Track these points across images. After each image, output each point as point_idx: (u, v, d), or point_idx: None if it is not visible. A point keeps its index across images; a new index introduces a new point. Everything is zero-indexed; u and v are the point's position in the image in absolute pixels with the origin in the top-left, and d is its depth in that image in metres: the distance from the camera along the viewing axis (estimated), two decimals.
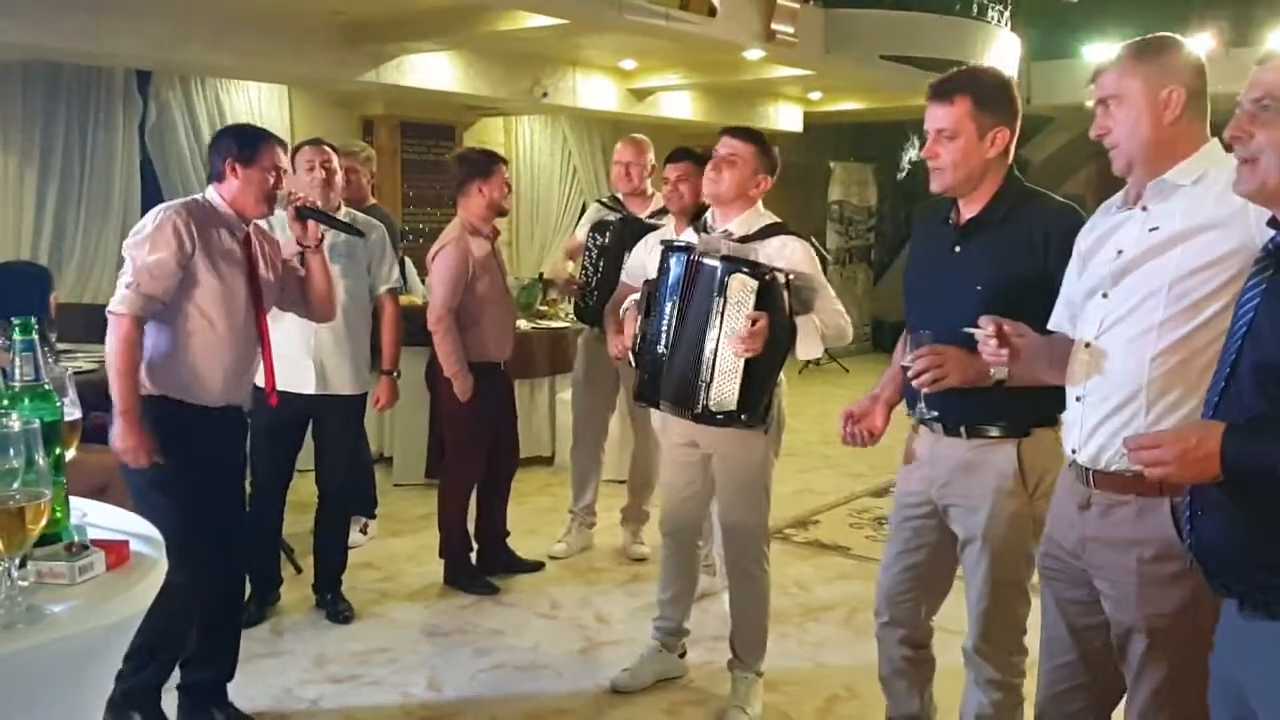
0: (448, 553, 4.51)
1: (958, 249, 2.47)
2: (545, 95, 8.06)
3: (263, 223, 3.30)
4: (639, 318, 3.17)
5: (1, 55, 6.05)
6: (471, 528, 4.54)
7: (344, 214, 4.07)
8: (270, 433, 4.02)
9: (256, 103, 7.53)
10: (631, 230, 4.38)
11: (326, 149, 4.12)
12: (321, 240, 3.36)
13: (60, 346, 4.14)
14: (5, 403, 1.50)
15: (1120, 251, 2.04)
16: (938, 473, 2.53)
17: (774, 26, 7.11)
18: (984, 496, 2.45)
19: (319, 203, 3.95)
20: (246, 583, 4.05)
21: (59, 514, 1.51)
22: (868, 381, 2.60)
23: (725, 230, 3.16)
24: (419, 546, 4.83)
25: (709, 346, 2.98)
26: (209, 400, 3.02)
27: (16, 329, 1.57)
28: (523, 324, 6.00)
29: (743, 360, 2.95)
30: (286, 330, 3.95)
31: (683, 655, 3.63)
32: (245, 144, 3.05)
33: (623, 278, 3.75)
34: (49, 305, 3.98)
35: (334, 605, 4.15)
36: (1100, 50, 9.74)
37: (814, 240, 12.34)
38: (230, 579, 3.21)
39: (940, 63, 8.27)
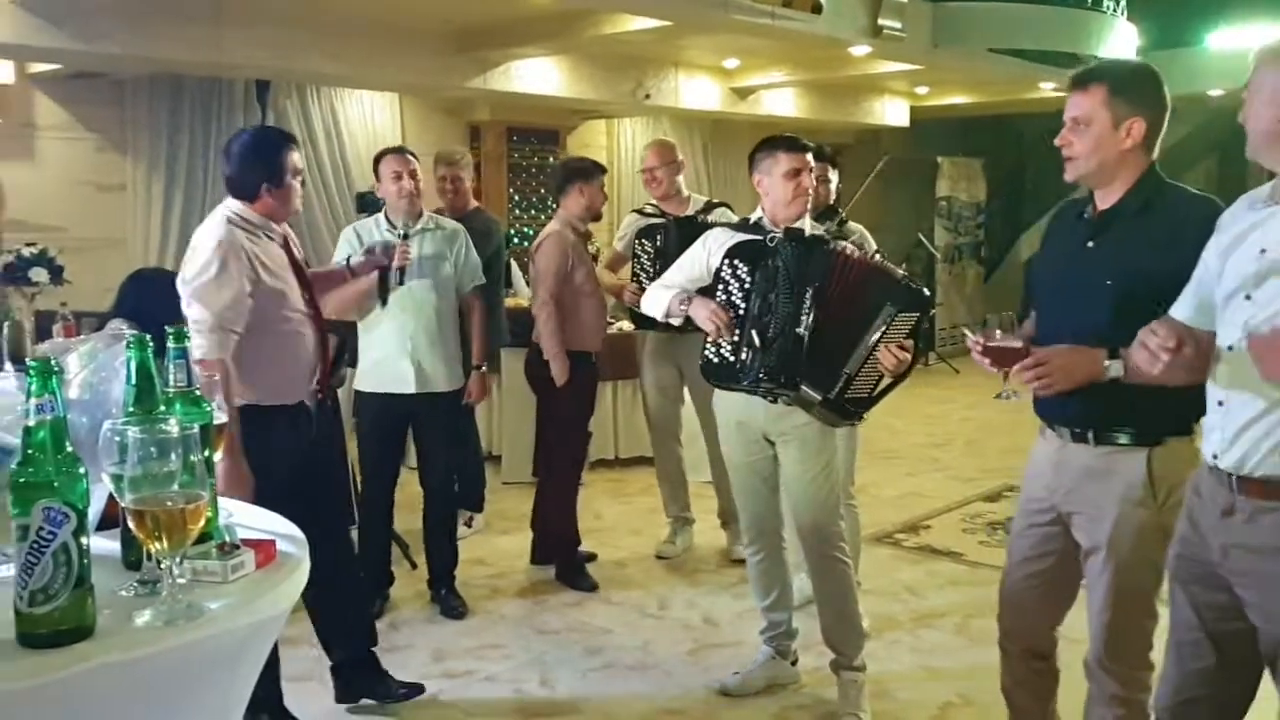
0: (558, 551, 4.64)
1: (1090, 244, 2.41)
2: (648, 97, 8.09)
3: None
4: (748, 298, 3.17)
5: (131, 69, 6.33)
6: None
7: (426, 219, 4.18)
8: (374, 434, 4.17)
9: (369, 110, 7.73)
10: (684, 231, 4.49)
11: (409, 158, 4.17)
12: (354, 272, 3.70)
13: None
14: (161, 408, 1.58)
15: (1263, 250, 1.97)
16: (1062, 479, 2.46)
17: (880, 21, 7.00)
18: (1110, 505, 2.37)
19: (405, 212, 4.08)
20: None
21: (210, 514, 1.58)
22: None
23: (799, 228, 3.26)
24: (528, 544, 4.90)
25: (865, 346, 3.10)
26: (290, 398, 3.11)
27: (170, 337, 1.65)
28: (626, 325, 6.04)
29: (879, 370, 3.13)
30: (383, 334, 4.09)
31: (794, 663, 3.62)
32: (272, 163, 3.06)
33: (675, 273, 3.49)
34: (182, 310, 4.12)
35: (448, 601, 4.26)
36: (1226, 37, 9.36)
37: (922, 236, 12.12)
38: (339, 563, 3.22)
39: (1052, 55, 8.08)
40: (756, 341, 3.15)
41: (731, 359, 3.21)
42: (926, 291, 3.22)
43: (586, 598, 4.42)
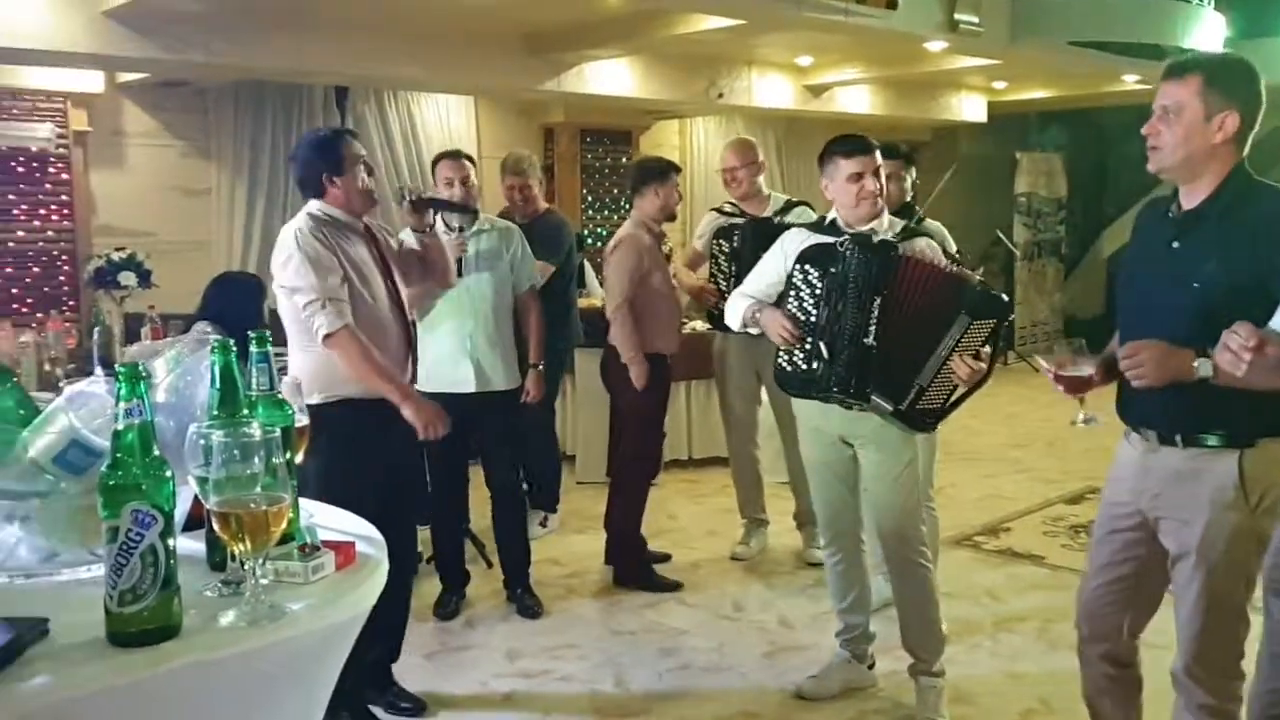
0: (625, 553, 4.63)
1: (1175, 244, 2.33)
2: (721, 96, 8.05)
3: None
4: (817, 305, 3.14)
5: (216, 77, 6.49)
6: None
7: (481, 220, 4.20)
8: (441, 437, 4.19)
9: (445, 113, 7.83)
10: (761, 231, 4.43)
11: (464, 162, 4.20)
12: (433, 225, 3.56)
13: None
14: (244, 411, 1.61)
15: None
16: (1149, 483, 2.39)
17: (957, 16, 6.87)
18: (1199, 509, 2.30)
19: (460, 214, 4.05)
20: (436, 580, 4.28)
21: (292, 515, 1.60)
22: None
23: (872, 229, 3.21)
24: (603, 544, 4.92)
25: (938, 356, 3.04)
26: (370, 393, 3.13)
27: (253, 341, 1.69)
28: (699, 325, 6.03)
29: (953, 381, 3.06)
30: (442, 335, 4.12)
31: (871, 666, 3.58)
32: (330, 154, 3.14)
33: (756, 279, 3.44)
34: (263, 313, 4.22)
35: (523, 600, 4.28)
36: None
37: (1001, 233, 11.88)
38: (395, 570, 3.26)
39: (1135, 47, 7.86)
40: (825, 353, 3.12)
41: (804, 368, 3.18)
42: (1004, 297, 3.13)
43: (661, 598, 4.42)
